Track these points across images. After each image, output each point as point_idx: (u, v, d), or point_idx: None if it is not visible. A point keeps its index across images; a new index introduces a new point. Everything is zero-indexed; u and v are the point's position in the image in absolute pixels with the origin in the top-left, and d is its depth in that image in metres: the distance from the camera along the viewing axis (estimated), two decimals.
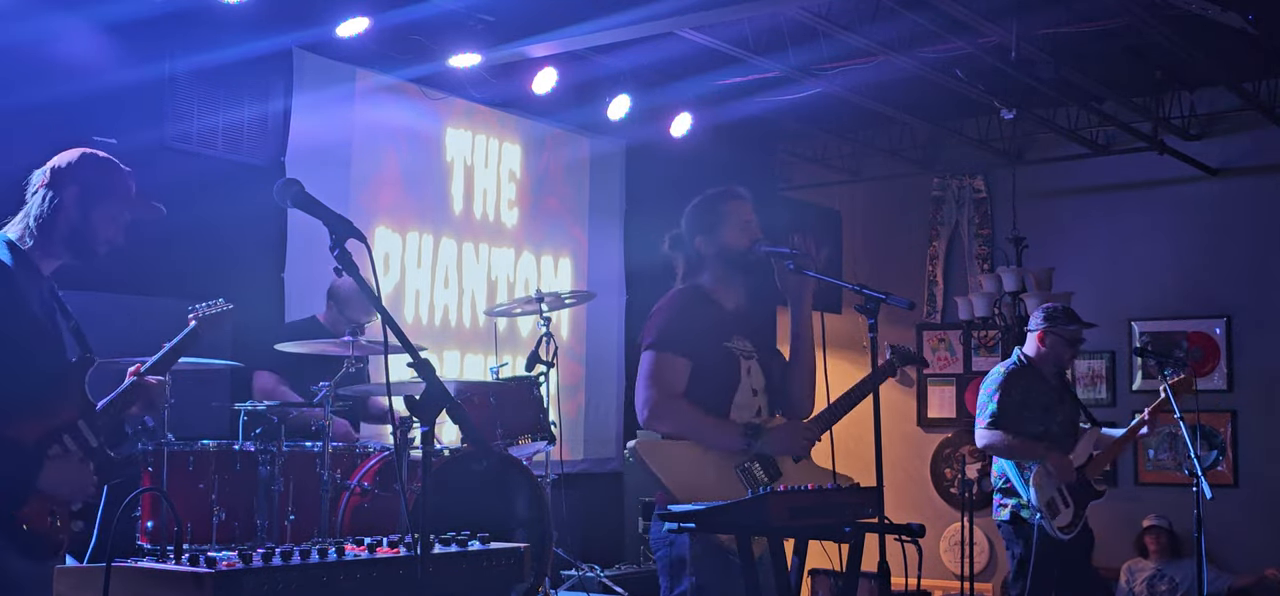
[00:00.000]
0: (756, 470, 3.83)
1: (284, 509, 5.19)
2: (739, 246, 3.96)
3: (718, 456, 3.81)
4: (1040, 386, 5.88)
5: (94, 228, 3.24)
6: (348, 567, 2.53)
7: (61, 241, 3.22)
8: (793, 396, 4.02)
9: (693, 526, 3.49)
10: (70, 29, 5.76)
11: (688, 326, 3.89)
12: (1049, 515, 5.67)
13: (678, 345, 3.86)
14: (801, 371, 4.03)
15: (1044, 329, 5.91)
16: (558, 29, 6.95)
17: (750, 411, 3.91)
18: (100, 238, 3.25)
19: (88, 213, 3.23)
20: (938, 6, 6.55)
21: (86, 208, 3.23)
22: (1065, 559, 5.78)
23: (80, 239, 3.23)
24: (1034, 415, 5.81)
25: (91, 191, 3.23)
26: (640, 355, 3.94)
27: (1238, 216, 8.88)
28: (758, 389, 3.95)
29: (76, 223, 3.22)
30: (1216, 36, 7.26)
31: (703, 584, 3.72)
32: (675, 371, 3.84)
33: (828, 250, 9.96)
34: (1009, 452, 5.76)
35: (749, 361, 3.95)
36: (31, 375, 3.08)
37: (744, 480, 3.80)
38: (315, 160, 6.79)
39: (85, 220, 3.23)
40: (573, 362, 8.46)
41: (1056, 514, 5.70)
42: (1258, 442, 8.76)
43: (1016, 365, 5.93)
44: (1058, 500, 5.73)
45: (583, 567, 7.14)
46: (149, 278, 5.81)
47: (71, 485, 3.06)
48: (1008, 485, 5.82)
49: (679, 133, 8.52)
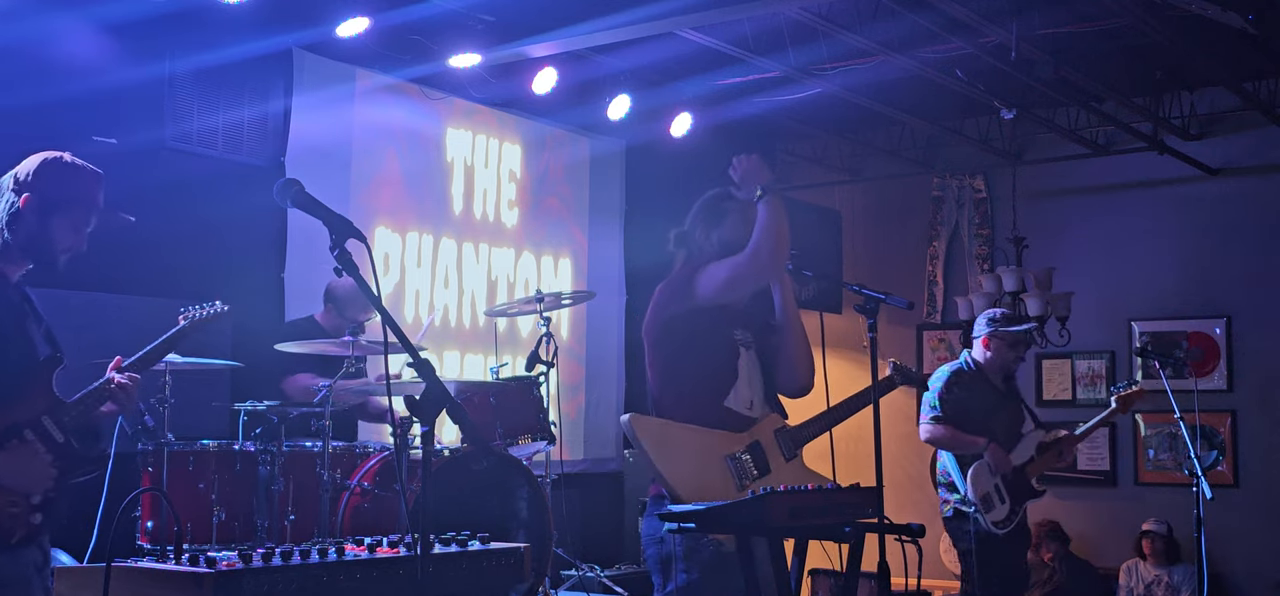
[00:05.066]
0: (747, 462, 3.83)
1: (284, 509, 5.19)
2: (741, 243, 3.97)
3: (709, 444, 3.81)
4: (983, 389, 5.97)
5: (51, 236, 3.23)
6: (348, 567, 2.53)
7: (19, 248, 3.23)
8: (785, 362, 4.01)
9: (692, 526, 3.49)
10: (70, 29, 5.76)
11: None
12: (984, 509, 5.76)
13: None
14: (790, 335, 4.01)
15: (987, 334, 5.98)
16: (558, 29, 6.94)
17: (744, 402, 3.91)
18: (58, 246, 3.25)
19: (45, 221, 3.23)
20: (938, 6, 6.55)
21: (44, 216, 3.22)
22: (1003, 554, 5.86)
23: (37, 247, 3.24)
24: (975, 417, 5.89)
25: (48, 201, 3.22)
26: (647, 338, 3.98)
27: (1238, 216, 8.88)
28: (752, 381, 3.95)
29: (34, 231, 3.22)
30: (1216, 36, 7.26)
31: (694, 580, 3.72)
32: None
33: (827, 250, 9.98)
34: (950, 445, 5.86)
35: (748, 351, 3.96)
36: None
37: (733, 469, 3.80)
38: (315, 160, 6.79)
39: (42, 229, 3.23)
40: (573, 362, 8.46)
41: (991, 508, 5.79)
42: (1258, 442, 8.75)
43: (963, 367, 6.02)
44: (993, 495, 5.81)
45: (583, 567, 7.14)
46: (148, 278, 5.81)
47: (27, 477, 3.09)
48: (949, 480, 5.92)
49: (679, 133, 8.52)
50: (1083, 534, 8.96)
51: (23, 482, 3.09)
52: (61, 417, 3.21)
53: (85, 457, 3.25)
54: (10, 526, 3.06)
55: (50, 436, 3.17)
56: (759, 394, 3.97)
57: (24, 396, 3.16)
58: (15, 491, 3.08)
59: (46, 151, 3.29)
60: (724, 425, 3.85)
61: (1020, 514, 5.88)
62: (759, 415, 3.92)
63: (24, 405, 3.15)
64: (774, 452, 3.89)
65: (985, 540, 5.74)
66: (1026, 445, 5.95)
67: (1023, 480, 5.91)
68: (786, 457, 3.91)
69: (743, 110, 8.48)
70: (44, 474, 3.13)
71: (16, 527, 3.07)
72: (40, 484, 3.13)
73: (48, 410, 3.19)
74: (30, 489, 3.11)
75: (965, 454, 5.84)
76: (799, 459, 3.94)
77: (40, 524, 3.13)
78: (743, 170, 4.01)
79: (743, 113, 8.52)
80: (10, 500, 3.07)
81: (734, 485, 3.75)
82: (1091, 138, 9.12)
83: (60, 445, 3.18)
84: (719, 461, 3.79)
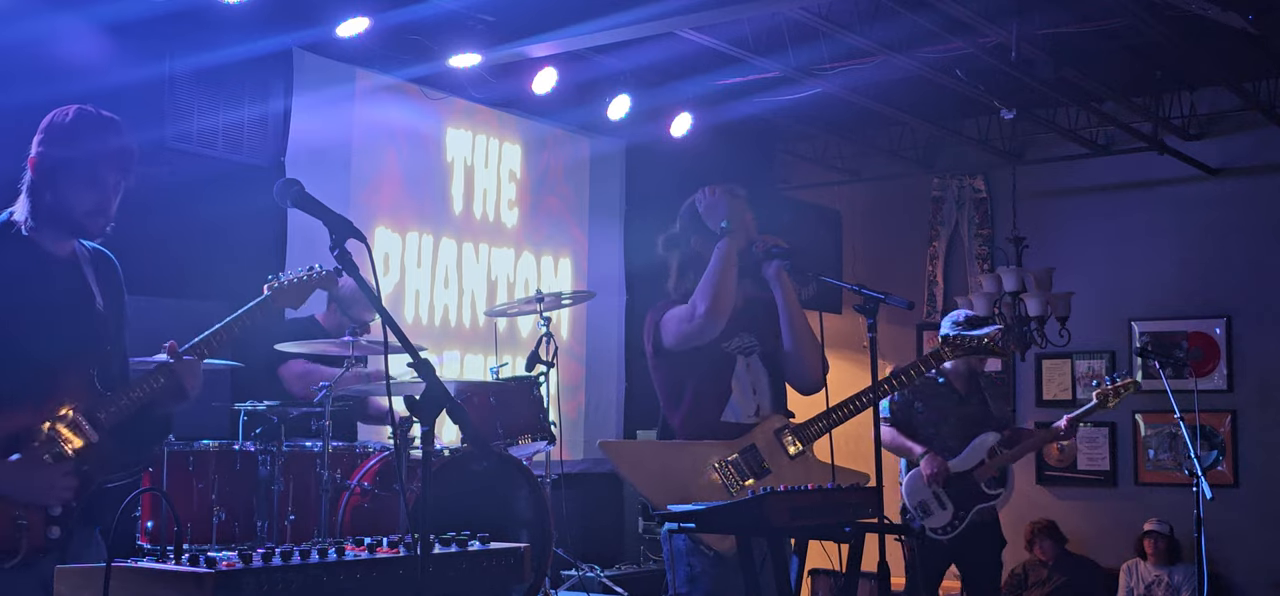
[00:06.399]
0: (734, 469, 3.82)
1: (284, 509, 5.19)
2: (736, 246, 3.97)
3: (693, 455, 3.81)
4: (935, 391, 6.03)
5: (65, 197, 3.02)
6: (348, 567, 2.53)
7: (46, 219, 3.04)
8: (791, 361, 4.02)
9: (692, 526, 3.50)
10: (70, 29, 5.75)
11: None
12: (921, 515, 5.89)
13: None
14: (793, 335, 4.00)
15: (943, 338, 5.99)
16: (558, 29, 6.94)
17: (746, 412, 3.91)
18: (76, 207, 3.03)
19: (55, 181, 3.02)
20: (938, 6, 6.55)
21: (53, 177, 3.02)
22: (958, 558, 5.97)
23: (56, 211, 3.03)
24: (921, 420, 6.01)
25: (53, 160, 3.02)
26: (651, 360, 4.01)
27: (1238, 216, 8.88)
28: (757, 387, 3.95)
29: (47, 194, 3.03)
30: (1216, 36, 7.26)
31: (697, 573, 3.76)
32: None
33: (827, 250, 9.98)
34: (893, 449, 5.96)
35: (748, 357, 3.95)
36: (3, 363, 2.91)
37: (723, 475, 3.79)
38: (315, 160, 6.79)
39: (54, 190, 3.02)
40: (573, 362, 8.46)
41: (928, 514, 5.89)
42: (1258, 442, 8.75)
43: None
44: (931, 502, 5.91)
45: (583, 567, 7.14)
46: (148, 278, 5.80)
47: (33, 489, 2.85)
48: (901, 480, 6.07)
49: (679, 133, 8.52)
50: (1082, 533, 8.96)
51: (32, 493, 2.85)
52: (98, 413, 2.98)
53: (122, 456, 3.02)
54: (15, 542, 2.82)
55: (83, 434, 2.95)
56: (766, 398, 3.96)
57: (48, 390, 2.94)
58: (23, 503, 2.83)
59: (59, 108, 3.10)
60: (722, 438, 3.86)
61: (966, 517, 5.93)
62: (762, 420, 3.92)
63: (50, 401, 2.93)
64: (775, 452, 3.89)
65: (928, 544, 5.90)
66: (974, 451, 5.98)
67: (970, 485, 5.96)
68: (790, 456, 3.91)
69: (743, 110, 8.48)
70: (52, 484, 2.88)
71: (20, 541, 2.84)
72: (50, 494, 2.88)
73: (84, 403, 2.97)
74: (35, 500, 2.87)
75: (907, 459, 5.99)
76: (806, 455, 3.93)
77: (57, 538, 2.88)
78: (707, 202, 4.01)
79: (743, 113, 8.52)
80: (16, 512, 2.83)
81: (721, 492, 3.76)
82: (1091, 138, 9.12)
83: (91, 446, 2.95)
84: (705, 470, 3.79)
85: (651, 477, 3.74)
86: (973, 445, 5.99)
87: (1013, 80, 7.70)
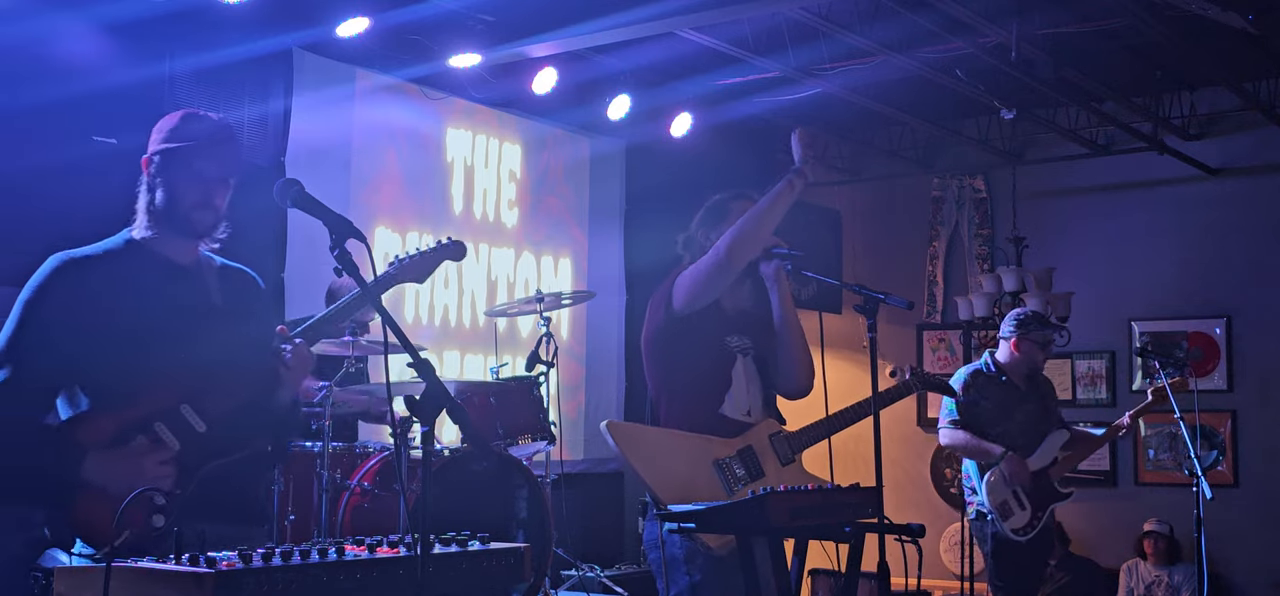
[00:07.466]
0: (735, 467, 3.82)
1: (284, 509, 5.19)
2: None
3: (696, 448, 3.81)
4: (1000, 390, 6.00)
5: (170, 194, 3.08)
6: (348, 567, 2.53)
7: (158, 220, 3.09)
8: (783, 364, 4.00)
9: (692, 526, 3.49)
10: (70, 29, 5.75)
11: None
12: (1002, 516, 5.83)
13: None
14: (788, 338, 3.99)
15: (1017, 337, 6.03)
16: (558, 29, 6.95)
17: (741, 409, 3.91)
18: (184, 203, 3.07)
19: (160, 180, 3.09)
20: (938, 6, 6.55)
21: (158, 175, 3.09)
22: (1022, 558, 5.93)
23: (164, 212, 3.08)
24: (988, 418, 5.94)
25: (157, 158, 3.09)
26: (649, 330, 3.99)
27: (1238, 216, 8.88)
28: (751, 388, 3.95)
29: (156, 196, 3.08)
30: (1216, 36, 7.26)
31: (700, 581, 3.72)
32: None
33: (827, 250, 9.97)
34: (966, 452, 5.93)
35: (745, 358, 3.95)
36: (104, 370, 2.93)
37: (720, 474, 3.79)
38: (315, 160, 6.79)
39: (161, 190, 3.09)
40: (573, 362, 8.46)
41: (1009, 515, 5.84)
42: (1258, 442, 8.76)
43: (980, 369, 6.07)
44: (1011, 502, 5.86)
45: (583, 567, 7.14)
46: None
47: (124, 477, 2.83)
48: (971, 483, 5.98)
49: (679, 133, 8.53)
50: (1083, 533, 8.96)
51: (117, 485, 2.80)
52: (207, 404, 2.98)
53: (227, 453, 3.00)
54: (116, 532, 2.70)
55: (188, 428, 2.95)
56: (758, 400, 3.96)
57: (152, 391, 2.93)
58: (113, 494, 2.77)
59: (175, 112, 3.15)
60: (718, 432, 3.84)
61: (1043, 518, 5.91)
62: (755, 421, 3.92)
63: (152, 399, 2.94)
64: (768, 457, 3.89)
65: (1003, 544, 5.84)
66: (1047, 448, 5.97)
67: (1045, 484, 5.93)
68: (783, 462, 3.90)
69: (743, 110, 8.48)
70: (145, 471, 2.87)
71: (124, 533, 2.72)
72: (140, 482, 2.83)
73: (189, 397, 2.97)
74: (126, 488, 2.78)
75: (983, 461, 5.89)
76: (797, 463, 3.93)
77: (162, 528, 2.81)
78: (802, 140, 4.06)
79: (743, 113, 8.52)
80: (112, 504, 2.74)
81: (721, 489, 3.75)
82: (1091, 138, 9.12)
83: (197, 436, 2.95)
84: (706, 465, 3.78)
85: (652, 463, 3.72)
86: (1045, 443, 5.98)
87: (1013, 80, 7.70)
